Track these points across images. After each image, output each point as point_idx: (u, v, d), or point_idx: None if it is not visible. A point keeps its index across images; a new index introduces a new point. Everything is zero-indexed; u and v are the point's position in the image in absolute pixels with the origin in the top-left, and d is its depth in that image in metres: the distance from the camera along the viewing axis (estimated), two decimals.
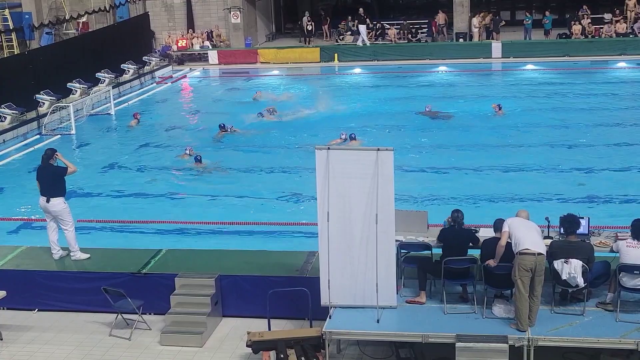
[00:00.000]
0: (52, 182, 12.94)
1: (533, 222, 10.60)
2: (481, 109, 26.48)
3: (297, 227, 16.70)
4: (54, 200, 12.90)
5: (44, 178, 13.03)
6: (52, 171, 13.02)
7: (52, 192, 12.91)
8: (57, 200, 12.92)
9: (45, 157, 13.08)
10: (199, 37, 39.38)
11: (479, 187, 18.62)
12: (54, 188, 12.92)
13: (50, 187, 12.93)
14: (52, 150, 13.24)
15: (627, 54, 34.89)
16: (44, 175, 13.05)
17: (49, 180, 12.97)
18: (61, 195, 12.97)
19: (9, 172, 22.27)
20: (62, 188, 12.98)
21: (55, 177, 12.95)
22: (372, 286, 10.76)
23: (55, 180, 12.94)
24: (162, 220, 17.28)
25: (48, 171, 13.03)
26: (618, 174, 19.46)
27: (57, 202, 12.93)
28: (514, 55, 35.90)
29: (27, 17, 39.04)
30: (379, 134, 23.70)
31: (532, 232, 10.31)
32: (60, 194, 12.95)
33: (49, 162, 13.01)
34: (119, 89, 32.76)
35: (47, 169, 13.05)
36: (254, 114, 26.46)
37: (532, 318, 10.18)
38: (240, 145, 23.42)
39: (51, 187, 12.92)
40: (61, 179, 12.95)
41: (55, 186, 12.93)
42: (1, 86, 26.88)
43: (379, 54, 37.23)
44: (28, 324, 12.38)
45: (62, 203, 12.97)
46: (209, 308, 11.88)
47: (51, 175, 12.99)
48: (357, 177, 10.56)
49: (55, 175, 12.98)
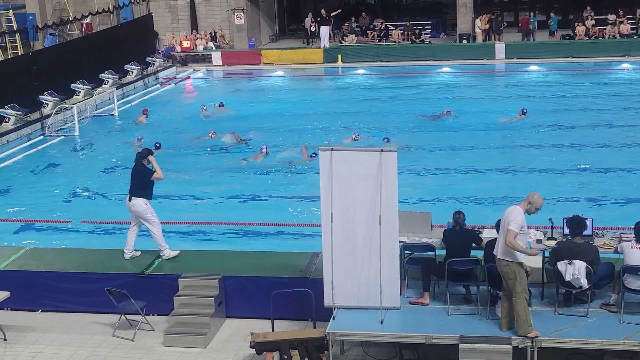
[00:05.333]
0: (137, 182, 12.84)
1: (506, 217, 10.11)
2: (484, 110, 26.47)
3: (301, 228, 16.70)
4: (135, 200, 12.80)
5: (132, 176, 12.96)
6: (139, 171, 12.89)
7: (135, 192, 12.82)
8: (138, 200, 12.80)
9: (138, 155, 12.96)
10: (202, 38, 39.38)
11: (483, 188, 18.60)
12: (138, 188, 12.82)
13: (134, 187, 12.85)
14: (149, 150, 13.04)
15: (631, 55, 34.82)
16: (133, 173, 12.97)
17: (135, 179, 12.89)
18: (143, 197, 12.80)
19: (13, 173, 22.29)
20: (145, 189, 12.83)
21: (141, 177, 12.84)
22: (375, 287, 10.76)
23: (140, 180, 12.83)
24: (165, 221, 17.21)
25: (137, 170, 12.92)
26: (622, 174, 19.43)
27: (137, 203, 12.81)
28: (517, 56, 35.88)
29: (30, 18, 39.14)
30: (381, 133, 23.66)
31: (500, 234, 10.28)
32: (142, 195, 12.80)
33: (141, 162, 12.87)
34: (122, 90, 32.77)
35: (137, 168, 12.93)
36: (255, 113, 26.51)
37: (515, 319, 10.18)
38: (242, 144, 23.43)
39: (135, 186, 12.84)
40: (146, 180, 12.80)
41: (138, 186, 12.82)
42: (5, 87, 26.91)
43: (382, 55, 37.23)
44: (31, 325, 12.40)
45: (143, 204, 12.80)
46: (213, 309, 11.89)
47: (138, 175, 12.89)
48: (361, 178, 10.56)
49: (141, 175, 12.86)
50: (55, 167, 22.94)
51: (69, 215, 18.02)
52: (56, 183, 21.00)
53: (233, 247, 13.22)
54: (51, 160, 23.65)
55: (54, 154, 24.41)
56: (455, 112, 26.01)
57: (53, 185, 20.75)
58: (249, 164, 21.33)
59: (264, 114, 27.50)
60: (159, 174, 12.82)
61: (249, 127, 25.03)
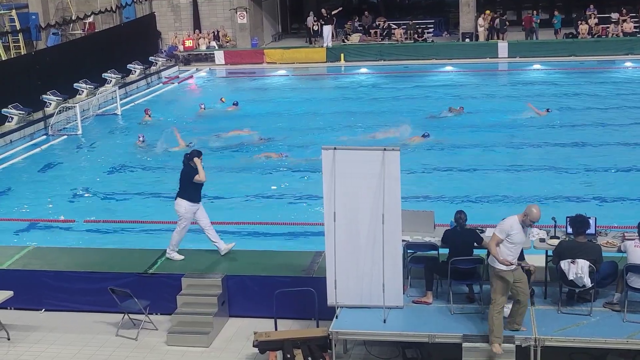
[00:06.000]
0: (182, 183, 12.79)
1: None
2: (487, 109, 26.46)
3: (304, 227, 16.70)
4: (178, 200, 12.77)
5: (180, 177, 12.90)
6: (185, 172, 12.80)
7: (180, 192, 12.80)
8: (180, 201, 12.75)
9: (187, 156, 12.87)
10: (205, 38, 39.41)
11: (485, 187, 18.59)
12: (182, 189, 12.77)
13: (180, 187, 12.82)
14: (198, 152, 12.89)
15: (634, 53, 34.80)
16: (180, 174, 12.90)
17: (180, 180, 12.83)
18: (185, 199, 12.70)
19: (15, 173, 22.32)
20: (187, 191, 12.70)
21: (184, 178, 12.76)
22: (378, 286, 10.75)
23: (184, 181, 12.75)
24: (168, 221, 17.25)
25: (183, 171, 12.84)
26: (625, 173, 19.42)
27: (179, 203, 12.76)
28: (520, 55, 35.86)
29: (33, 17, 39.20)
30: (385, 133, 23.64)
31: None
32: (184, 197, 12.71)
33: (188, 163, 12.76)
34: (125, 89, 32.79)
35: (183, 169, 12.84)
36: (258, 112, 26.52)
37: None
38: (245, 144, 23.43)
39: (181, 187, 12.80)
40: (188, 182, 12.68)
41: (183, 187, 12.76)
42: (8, 87, 26.93)
43: (385, 53, 37.23)
44: (35, 324, 12.40)
45: (183, 207, 12.70)
46: (216, 308, 11.89)
47: (183, 175, 12.81)
48: (364, 177, 10.55)
49: (184, 176, 12.77)
50: (58, 166, 22.95)
51: (72, 215, 18.03)
52: (59, 182, 21.01)
53: (236, 246, 13.20)
54: (54, 159, 23.66)
55: (57, 154, 24.42)
56: (444, 111, 26.07)
57: (56, 185, 20.77)
58: (248, 163, 21.34)
59: (266, 113, 27.49)
60: (201, 176, 12.61)
61: (250, 127, 24.99)
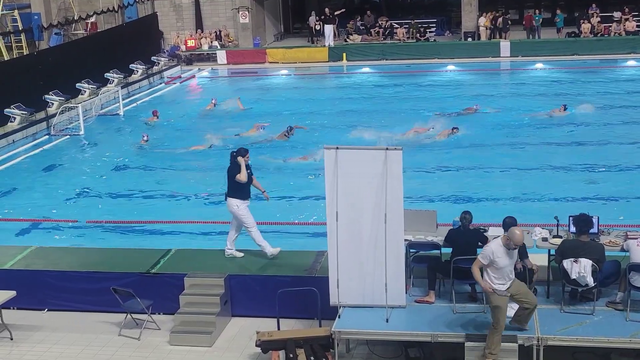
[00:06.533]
0: (229, 182, 12.79)
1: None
2: (489, 108, 26.42)
3: (306, 226, 16.70)
4: (229, 199, 12.78)
5: (227, 173, 12.86)
6: (230, 169, 12.80)
7: (228, 191, 12.82)
8: (230, 200, 12.76)
9: (233, 153, 12.86)
10: (207, 37, 39.40)
11: (488, 186, 18.57)
12: (230, 188, 12.78)
13: (228, 186, 12.83)
14: (245, 150, 12.89)
15: (637, 52, 34.73)
16: (227, 170, 12.86)
17: (228, 177, 12.81)
18: (234, 197, 12.71)
19: (18, 173, 22.32)
20: (234, 190, 12.71)
21: (229, 177, 12.78)
22: (381, 286, 10.76)
23: (230, 179, 12.76)
24: (171, 220, 17.30)
25: (229, 168, 12.83)
26: (628, 172, 19.40)
27: (230, 202, 12.76)
28: (522, 54, 35.83)
29: (36, 17, 39.20)
30: (385, 132, 23.64)
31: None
32: (233, 195, 12.72)
33: (235, 161, 12.75)
34: (127, 89, 32.81)
35: (230, 167, 12.82)
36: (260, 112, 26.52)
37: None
38: (246, 144, 23.41)
39: (229, 186, 12.81)
40: (232, 180, 12.71)
41: (230, 186, 12.77)
42: (11, 87, 26.95)
43: (387, 53, 37.20)
44: (38, 324, 12.42)
45: (234, 205, 12.71)
46: (218, 308, 11.89)
47: (229, 172, 12.80)
48: (366, 177, 10.55)
49: (230, 173, 12.77)
50: (61, 166, 22.97)
51: (75, 215, 18.04)
52: (62, 182, 21.02)
53: (238, 246, 13.20)
54: (56, 159, 23.68)
55: (60, 154, 24.44)
56: (458, 111, 25.99)
57: (58, 185, 20.79)
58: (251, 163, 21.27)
59: (268, 113, 27.47)
60: (241, 176, 12.61)
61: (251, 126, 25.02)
